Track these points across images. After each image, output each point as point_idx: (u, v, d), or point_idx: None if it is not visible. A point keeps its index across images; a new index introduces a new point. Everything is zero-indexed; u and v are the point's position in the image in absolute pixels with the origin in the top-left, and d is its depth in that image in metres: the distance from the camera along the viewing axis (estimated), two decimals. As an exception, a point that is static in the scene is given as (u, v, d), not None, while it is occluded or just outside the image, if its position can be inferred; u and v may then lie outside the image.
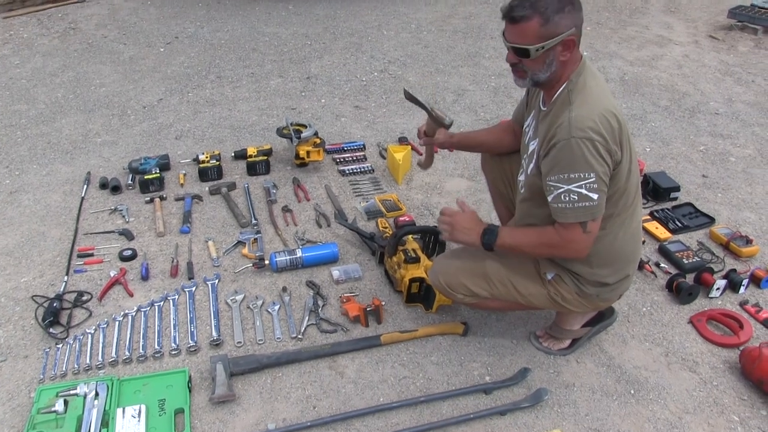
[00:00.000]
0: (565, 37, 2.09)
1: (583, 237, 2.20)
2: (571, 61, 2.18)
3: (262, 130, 4.58)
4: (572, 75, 2.20)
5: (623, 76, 5.51)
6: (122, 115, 4.84)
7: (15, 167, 4.13)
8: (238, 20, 6.92)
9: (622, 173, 2.20)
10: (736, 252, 3.34)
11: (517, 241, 2.38)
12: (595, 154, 2.07)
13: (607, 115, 2.10)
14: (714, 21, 6.86)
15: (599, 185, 2.11)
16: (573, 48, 2.14)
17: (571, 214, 2.16)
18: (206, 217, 3.61)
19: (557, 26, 2.07)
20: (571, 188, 2.12)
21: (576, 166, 2.10)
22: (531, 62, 2.16)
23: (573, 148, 2.08)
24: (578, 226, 2.18)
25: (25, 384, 2.59)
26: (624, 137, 2.16)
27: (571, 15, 2.08)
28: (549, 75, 2.19)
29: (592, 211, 2.15)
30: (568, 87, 2.19)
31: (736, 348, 2.76)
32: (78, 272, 3.18)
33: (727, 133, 4.61)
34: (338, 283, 3.13)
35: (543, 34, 2.08)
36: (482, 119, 4.73)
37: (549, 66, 2.15)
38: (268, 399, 2.52)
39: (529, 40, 2.10)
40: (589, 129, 2.07)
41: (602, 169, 2.10)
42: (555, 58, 2.13)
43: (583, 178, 2.10)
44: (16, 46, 6.24)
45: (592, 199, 2.12)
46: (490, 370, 2.66)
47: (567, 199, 2.14)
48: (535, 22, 2.06)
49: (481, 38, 6.31)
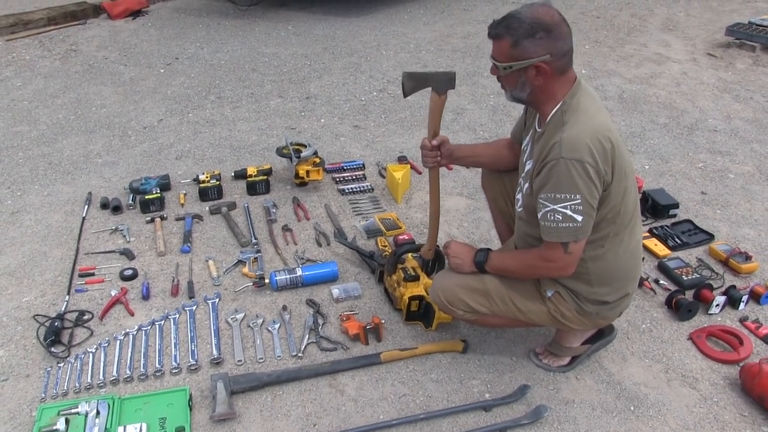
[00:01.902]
0: (535, 62, 2.15)
1: (564, 257, 2.24)
2: (552, 85, 2.22)
3: (262, 150, 4.61)
4: (566, 96, 2.23)
5: (621, 94, 5.54)
6: (123, 135, 4.87)
7: (17, 188, 4.15)
8: (238, 41, 6.98)
9: (616, 193, 2.22)
10: (735, 268, 3.34)
11: (505, 264, 2.48)
12: (584, 176, 2.10)
13: (600, 136, 2.13)
14: (712, 39, 6.90)
15: (585, 207, 2.14)
16: (548, 75, 2.18)
17: (554, 234, 2.20)
18: (206, 237, 3.62)
19: (525, 50, 2.15)
20: (557, 208, 2.16)
21: (563, 187, 2.13)
22: (504, 79, 2.27)
23: (562, 168, 2.12)
24: (560, 246, 2.21)
25: (26, 403, 2.59)
26: (617, 158, 2.18)
27: (544, 42, 2.13)
28: (527, 96, 2.26)
29: (575, 232, 2.17)
30: (561, 108, 2.23)
31: (736, 364, 2.76)
32: (79, 292, 3.19)
33: (726, 149, 4.63)
34: (338, 301, 3.13)
35: (512, 54, 2.17)
36: (481, 138, 4.76)
37: (522, 86, 2.23)
38: (268, 417, 2.52)
39: (500, 58, 2.22)
40: (580, 150, 2.10)
41: (589, 192, 2.13)
42: (528, 80, 2.21)
43: (569, 199, 2.13)
44: (18, 68, 6.29)
45: (576, 221, 2.15)
46: (490, 387, 2.66)
47: (552, 218, 2.18)
48: (506, 42, 2.17)
49: (480, 57, 6.35)
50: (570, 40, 2.20)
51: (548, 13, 2.15)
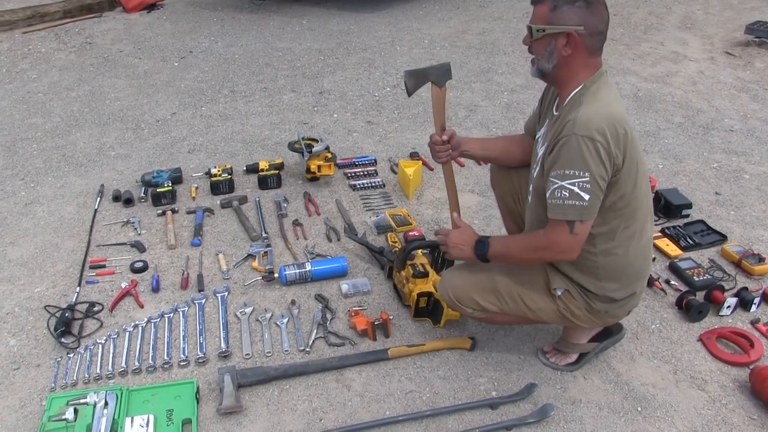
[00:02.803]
0: (568, 30, 2.18)
1: (569, 238, 2.22)
2: (578, 63, 2.24)
3: (274, 144, 4.61)
4: (587, 81, 2.25)
5: (637, 93, 5.50)
6: (136, 128, 4.89)
7: (30, 179, 4.18)
8: (252, 35, 6.99)
9: (625, 181, 2.22)
10: (748, 270, 3.31)
11: (507, 247, 2.46)
12: (594, 154, 2.10)
13: (615, 121, 2.14)
14: (731, 37, 6.83)
15: (593, 186, 2.13)
16: (577, 46, 2.20)
17: (560, 211, 2.19)
18: (217, 230, 3.64)
19: (562, 16, 2.18)
20: (564, 185, 2.16)
21: (572, 164, 2.14)
22: (535, 45, 2.28)
23: (573, 145, 2.13)
24: (565, 225, 2.20)
25: (37, 392, 2.62)
26: (630, 147, 2.18)
27: (581, 12, 2.17)
28: (552, 67, 2.27)
29: (580, 211, 2.17)
30: (581, 91, 2.25)
31: (746, 367, 2.74)
32: (90, 283, 3.22)
33: (742, 150, 4.60)
34: (347, 296, 3.14)
35: (548, 18, 2.21)
36: (494, 135, 4.74)
37: (550, 55, 2.25)
38: (274, 411, 2.53)
39: (536, 21, 2.25)
40: (593, 129, 2.11)
41: (599, 171, 2.12)
42: (556, 49, 2.22)
43: (577, 176, 2.13)
44: (34, 60, 6.33)
45: (583, 199, 2.14)
46: (497, 385, 2.65)
47: (559, 195, 2.18)
48: (546, 5, 2.22)
49: (495, 54, 6.33)
50: (606, 26, 2.23)
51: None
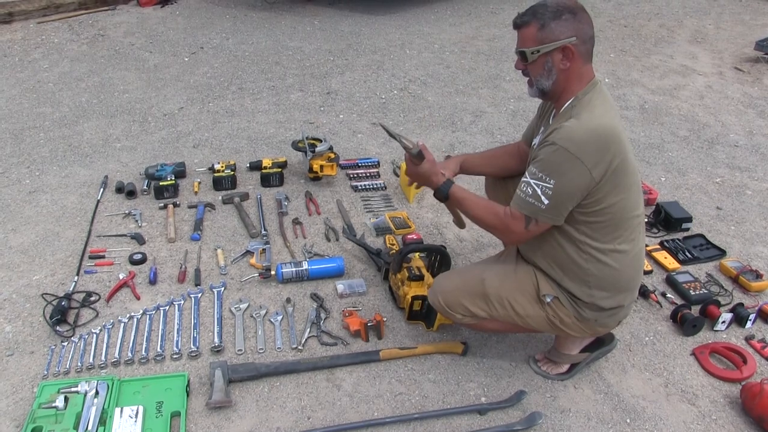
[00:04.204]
0: (562, 44, 2.20)
1: (522, 231, 2.32)
2: (574, 73, 2.26)
3: (279, 142, 4.63)
4: (579, 92, 2.27)
5: (644, 105, 5.50)
6: (143, 121, 4.92)
7: (36, 168, 4.21)
8: (263, 33, 7.01)
9: (610, 193, 2.23)
10: (745, 286, 3.31)
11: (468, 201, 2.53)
12: (565, 165, 2.15)
13: (601, 135, 2.15)
14: (740, 53, 6.82)
15: (554, 195, 2.19)
16: (573, 57, 2.22)
17: (519, 202, 2.29)
18: (217, 226, 3.65)
19: (553, 32, 2.20)
20: (531, 182, 2.24)
21: (544, 167, 2.20)
22: (532, 68, 2.30)
23: (549, 151, 2.18)
24: (523, 219, 2.28)
25: (29, 379, 2.64)
26: (615, 158, 2.17)
27: (569, 23, 2.20)
28: (552, 84, 2.29)
29: (535, 211, 2.25)
30: (572, 103, 2.27)
31: (738, 383, 2.73)
32: (88, 273, 3.24)
33: (746, 165, 4.59)
34: (342, 296, 3.15)
35: (539, 38, 2.23)
36: (498, 142, 4.74)
37: (549, 72, 2.26)
38: (263, 407, 2.54)
39: (527, 44, 2.26)
40: (574, 141, 2.14)
41: (566, 182, 2.17)
42: (554, 65, 2.24)
43: (543, 180, 2.20)
44: (47, 50, 6.36)
45: (541, 202, 2.22)
46: (487, 391, 2.66)
47: (524, 189, 2.26)
48: (533, 26, 2.23)
49: (503, 61, 6.33)
50: (593, 29, 2.26)
51: (571, 0, 2.24)
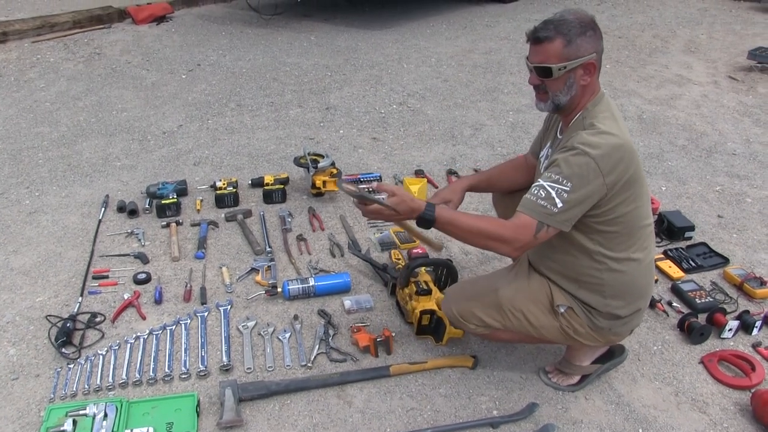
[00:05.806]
0: (586, 60, 2.18)
1: (530, 239, 2.18)
2: (590, 87, 2.25)
3: (279, 159, 4.63)
4: (588, 104, 2.27)
5: (641, 115, 5.52)
6: (142, 140, 4.91)
7: (35, 188, 4.19)
8: (260, 50, 7.03)
9: (624, 203, 2.23)
10: (749, 293, 3.31)
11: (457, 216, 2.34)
12: (585, 172, 2.12)
13: (619, 146, 2.16)
14: (734, 62, 6.87)
15: (569, 199, 2.13)
16: (594, 72, 2.22)
17: (529, 206, 2.18)
18: (221, 244, 3.64)
19: (579, 49, 2.17)
20: (544, 184, 2.17)
21: (561, 170, 2.15)
22: (553, 83, 2.24)
23: (568, 155, 2.14)
24: (534, 227, 2.16)
25: (35, 403, 2.61)
26: (629, 169, 2.18)
27: (593, 40, 2.18)
28: (569, 98, 2.26)
29: (547, 215, 2.15)
30: (583, 114, 2.26)
31: (747, 390, 2.73)
32: (92, 294, 3.22)
33: (744, 173, 4.60)
34: (350, 312, 3.14)
35: (565, 54, 2.17)
36: (499, 154, 4.76)
37: (569, 88, 2.23)
38: (275, 426, 2.52)
39: (552, 60, 2.19)
40: (594, 146, 2.12)
41: (583, 188, 2.13)
42: (575, 80, 2.22)
43: (559, 182, 2.14)
44: (43, 69, 6.37)
45: (555, 205, 2.14)
46: (498, 404, 2.65)
47: (536, 192, 2.18)
48: (558, 42, 2.17)
49: (501, 74, 6.37)
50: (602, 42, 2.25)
51: (587, 15, 2.21)
